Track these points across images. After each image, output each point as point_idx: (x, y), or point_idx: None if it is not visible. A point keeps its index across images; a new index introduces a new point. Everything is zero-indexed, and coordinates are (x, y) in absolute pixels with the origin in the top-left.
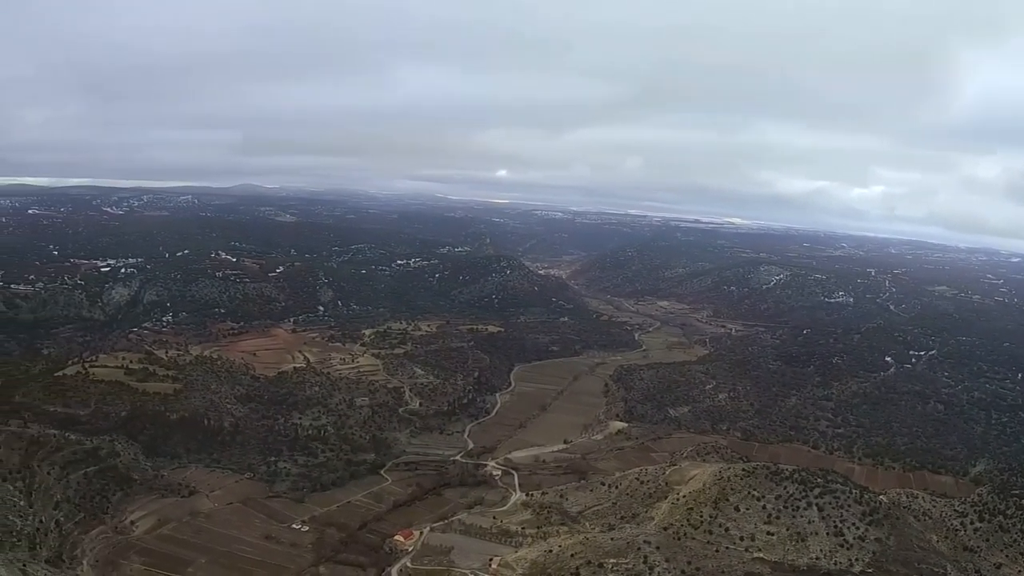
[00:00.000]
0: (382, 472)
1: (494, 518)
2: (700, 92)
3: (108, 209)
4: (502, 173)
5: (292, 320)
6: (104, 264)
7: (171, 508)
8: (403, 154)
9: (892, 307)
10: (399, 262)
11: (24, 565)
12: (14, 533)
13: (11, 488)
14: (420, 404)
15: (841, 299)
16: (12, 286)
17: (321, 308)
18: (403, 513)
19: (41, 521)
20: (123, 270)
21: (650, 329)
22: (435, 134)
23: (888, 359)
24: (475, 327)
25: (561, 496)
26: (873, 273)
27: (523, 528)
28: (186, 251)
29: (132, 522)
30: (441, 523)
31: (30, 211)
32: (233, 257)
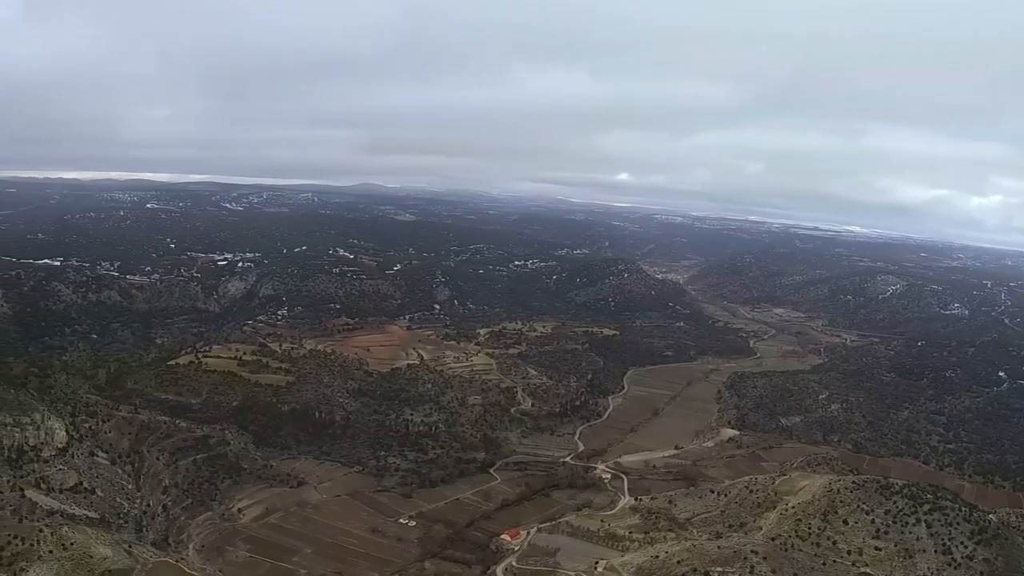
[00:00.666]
0: (491, 471)
1: (602, 521)
2: (824, 96)
3: (227, 205)
4: (623, 176)
5: (407, 317)
6: (221, 258)
7: (279, 498)
8: (524, 156)
9: (1007, 320)
10: (517, 263)
11: (130, 546)
12: (122, 515)
13: (120, 471)
14: (532, 405)
15: (956, 311)
16: (128, 277)
17: (437, 307)
18: (511, 512)
19: (148, 505)
20: (240, 264)
21: (765, 336)
22: (557, 136)
23: (1001, 374)
24: (590, 329)
25: (670, 502)
26: (989, 285)
27: (630, 532)
28: (304, 247)
29: (239, 510)
30: (548, 524)
31: (148, 205)
32: (351, 254)
